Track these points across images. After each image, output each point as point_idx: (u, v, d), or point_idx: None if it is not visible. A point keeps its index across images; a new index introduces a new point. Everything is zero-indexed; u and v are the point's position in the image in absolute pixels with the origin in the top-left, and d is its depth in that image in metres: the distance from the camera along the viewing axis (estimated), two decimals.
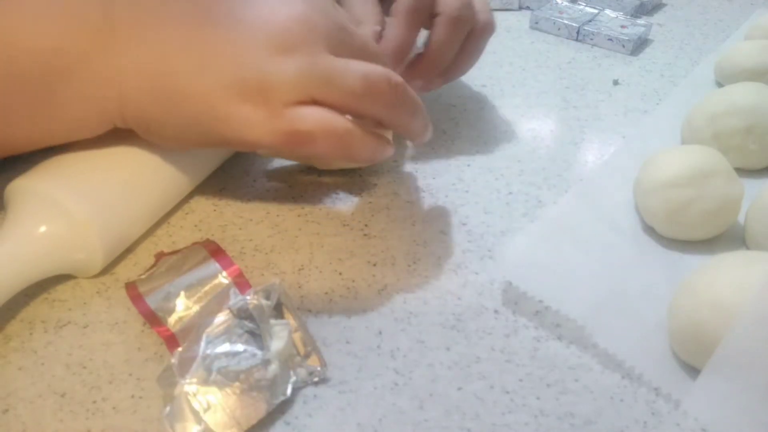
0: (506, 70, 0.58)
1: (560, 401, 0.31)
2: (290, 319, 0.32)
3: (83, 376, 0.31)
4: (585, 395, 0.31)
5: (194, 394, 0.29)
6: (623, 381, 0.32)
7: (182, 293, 0.33)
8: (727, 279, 0.31)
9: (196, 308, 0.33)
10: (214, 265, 0.34)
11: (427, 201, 0.43)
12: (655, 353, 0.33)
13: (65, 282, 0.36)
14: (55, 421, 0.29)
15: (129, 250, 0.38)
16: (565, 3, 0.67)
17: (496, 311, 0.35)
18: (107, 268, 0.37)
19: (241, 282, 0.34)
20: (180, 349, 0.31)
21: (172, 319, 0.33)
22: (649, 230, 0.40)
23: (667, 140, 0.47)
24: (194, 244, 0.36)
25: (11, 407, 0.30)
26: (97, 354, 0.32)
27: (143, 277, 0.35)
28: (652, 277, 0.37)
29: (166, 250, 0.36)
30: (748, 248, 0.38)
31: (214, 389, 0.29)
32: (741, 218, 0.39)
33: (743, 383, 0.29)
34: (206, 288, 0.34)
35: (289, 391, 0.30)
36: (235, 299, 0.32)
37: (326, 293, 0.36)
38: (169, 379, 0.30)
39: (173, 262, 0.35)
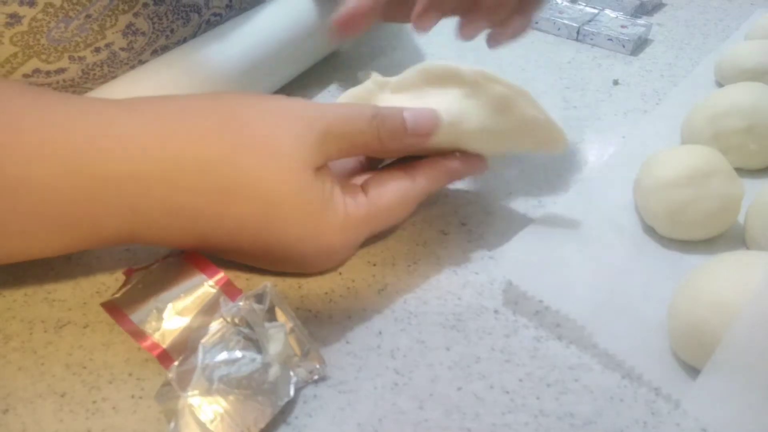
0: (506, 70, 0.58)
1: (560, 401, 0.31)
2: (284, 321, 0.32)
3: (83, 376, 0.31)
4: (585, 395, 0.31)
5: (199, 406, 0.29)
6: (623, 381, 0.32)
7: (169, 306, 0.32)
8: (727, 279, 0.31)
9: (185, 320, 0.32)
10: (198, 275, 0.33)
11: (427, 201, 0.43)
12: (655, 353, 0.33)
13: (65, 282, 0.36)
14: (55, 421, 0.29)
15: (128, 250, 0.38)
16: (565, 3, 0.67)
17: (496, 311, 0.35)
18: (106, 268, 0.37)
19: (229, 289, 0.33)
20: (176, 363, 0.30)
21: (161, 335, 0.32)
22: (649, 230, 0.40)
23: (667, 140, 0.47)
24: (167, 257, 0.35)
25: (11, 407, 0.30)
26: (97, 354, 0.32)
27: (118, 295, 0.33)
28: (652, 277, 0.37)
29: (134, 266, 0.35)
30: (748, 248, 0.38)
31: (218, 398, 0.29)
32: (741, 218, 0.39)
33: (743, 383, 0.29)
34: (193, 298, 0.33)
35: (291, 391, 0.30)
36: (227, 306, 0.31)
37: (326, 293, 0.36)
38: (168, 394, 0.29)
39: (153, 277, 0.34)
